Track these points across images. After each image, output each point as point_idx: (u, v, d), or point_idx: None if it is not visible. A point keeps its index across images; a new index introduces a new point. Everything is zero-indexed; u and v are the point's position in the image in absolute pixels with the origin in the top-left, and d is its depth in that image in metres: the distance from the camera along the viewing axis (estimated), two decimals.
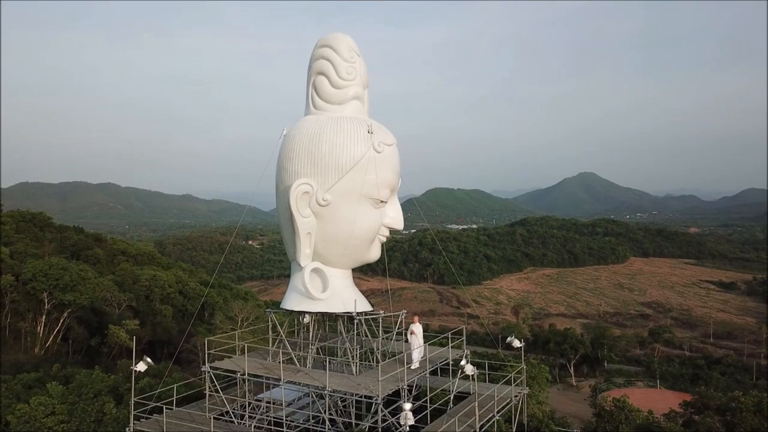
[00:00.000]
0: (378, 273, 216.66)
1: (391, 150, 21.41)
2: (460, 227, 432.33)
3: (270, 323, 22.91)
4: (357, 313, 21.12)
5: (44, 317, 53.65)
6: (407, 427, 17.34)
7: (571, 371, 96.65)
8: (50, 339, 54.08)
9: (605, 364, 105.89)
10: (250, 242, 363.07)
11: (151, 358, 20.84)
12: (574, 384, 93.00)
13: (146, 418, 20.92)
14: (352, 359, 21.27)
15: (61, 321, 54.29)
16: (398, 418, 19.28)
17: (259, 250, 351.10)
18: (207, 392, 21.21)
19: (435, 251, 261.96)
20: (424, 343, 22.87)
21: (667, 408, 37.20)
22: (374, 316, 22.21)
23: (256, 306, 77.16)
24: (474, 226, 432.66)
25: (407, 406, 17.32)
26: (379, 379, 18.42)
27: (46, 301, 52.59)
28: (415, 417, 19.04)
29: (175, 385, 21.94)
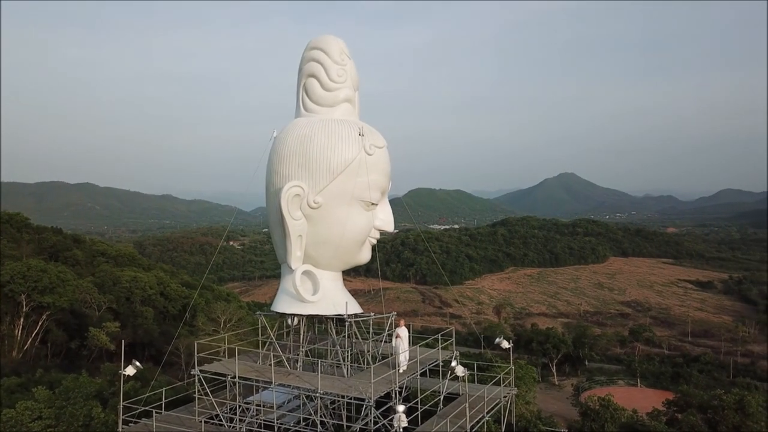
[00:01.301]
0: (360, 273, 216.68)
1: (382, 152, 21.45)
2: (442, 227, 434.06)
3: (260, 325, 22.80)
4: (348, 315, 21.13)
5: (22, 320, 52.68)
6: (401, 429, 17.38)
7: (554, 370, 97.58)
8: (28, 342, 53.14)
9: (586, 363, 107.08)
10: (231, 243, 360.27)
11: (128, 362, 20.66)
12: (557, 383, 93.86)
13: (135, 422, 20.72)
14: (343, 361, 21.26)
15: (40, 324, 53.37)
16: (390, 420, 19.32)
17: (240, 250, 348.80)
18: (196, 395, 21.04)
19: (417, 251, 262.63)
20: (413, 345, 22.93)
21: (649, 406, 37.78)
22: (364, 318, 22.23)
23: (238, 308, 76.68)
24: (456, 227, 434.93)
25: (400, 407, 17.37)
26: (371, 381, 18.45)
27: (24, 303, 51.64)
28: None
29: (163, 389, 21.71)
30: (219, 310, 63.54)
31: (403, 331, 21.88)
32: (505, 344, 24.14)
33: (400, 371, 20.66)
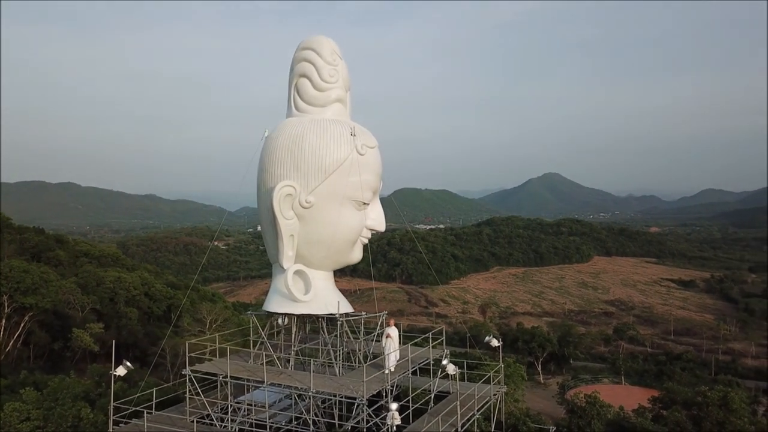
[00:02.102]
0: (347, 273, 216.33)
1: (374, 152, 21.56)
2: (428, 227, 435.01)
3: (251, 325, 22.77)
4: (340, 314, 21.19)
5: (4, 321, 51.99)
6: (394, 427, 17.49)
7: (539, 369, 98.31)
8: (11, 344, 52.47)
9: (571, 361, 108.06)
10: (215, 243, 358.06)
11: (117, 362, 20.57)
12: (542, 381, 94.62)
13: (125, 423, 20.62)
14: (335, 360, 21.32)
15: (22, 325, 52.73)
16: (381, 419, 19.42)
17: (225, 251, 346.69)
18: (187, 395, 20.98)
19: (404, 251, 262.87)
20: (403, 344, 23.02)
21: (634, 404, 38.39)
22: (356, 318, 22.30)
23: (224, 308, 76.27)
24: (441, 226, 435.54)
25: (393, 405, 17.47)
26: (364, 380, 18.53)
27: (6, 304, 50.94)
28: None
29: (153, 390, 21.62)
30: (205, 311, 63.18)
31: (393, 331, 21.95)
32: (495, 342, 24.34)
33: (390, 371, 20.73)
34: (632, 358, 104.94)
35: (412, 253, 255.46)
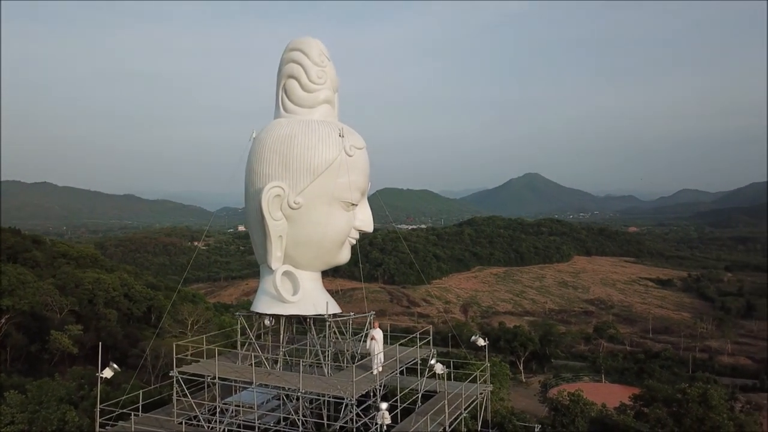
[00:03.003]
0: (329, 274, 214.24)
1: (362, 153, 21.66)
2: (410, 227, 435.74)
3: (239, 326, 22.71)
4: (329, 315, 21.24)
5: None
6: (385, 426, 17.60)
7: (521, 368, 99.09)
8: None
9: (552, 360, 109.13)
10: (195, 243, 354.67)
11: (94, 365, 20.44)
12: (524, 380, 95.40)
13: (112, 425, 20.45)
14: (324, 360, 21.36)
15: None
16: (370, 418, 19.50)
17: (206, 251, 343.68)
18: (174, 397, 20.88)
19: (385, 251, 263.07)
20: (390, 344, 23.12)
21: (615, 401, 38.90)
22: (343, 318, 22.37)
23: (205, 309, 75.73)
24: (423, 226, 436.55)
25: (383, 405, 17.55)
26: (353, 379, 18.61)
27: None
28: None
29: (140, 392, 21.46)
30: (186, 312, 62.72)
31: (377, 333, 22.01)
32: (481, 342, 24.54)
33: (374, 373, 20.75)
34: (612, 357, 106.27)
35: (395, 254, 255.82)
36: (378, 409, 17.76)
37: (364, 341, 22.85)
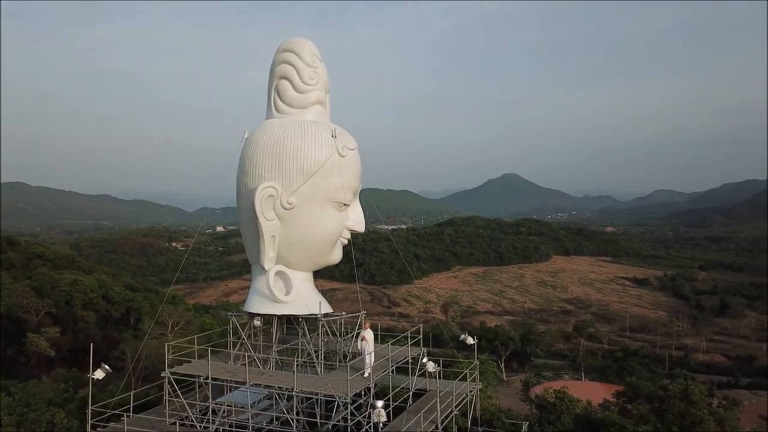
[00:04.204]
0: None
1: (354, 154, 21.82)
2: (390, 227, 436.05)
3: (230, 326, 22.70)
4: (321, 315, 21.34)
5: None
6: (381, 425, 17.76)
7: (502, 367, 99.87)
8: None
9: (532, 359, 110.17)
10: (173, 244, 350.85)
11: (74, 368, 20.32)
12: (505, 379, 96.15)
13: (102, 427, 20.31)
14: (316, 360, 21.45)
15: None
16: (364, 416, 19.64)
17: (184, 252, 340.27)
18: (166, 397, 20.81)
19: (366, 251, 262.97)
20: (382, 344, 23.28)
21: (597, 398, 39.61)
22: (335, 318, 22.48)
23: (185, 310, 75.06)
24: (403, 227, 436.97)
25: (379, 403, 17.72)
26: (348, 378, 18.74)
27: None
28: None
29: (131, 392, 21.34)
30: (166, 313, 62.16)
31: (368, 334, 22.14)
32: (470, 340, 24.87)
33: (365, 375, 20.87)
34: (591, 355, 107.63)
35: (375, 254, 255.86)
36: (373, 407, 17.92)
37: (355, 341, 22.97)
